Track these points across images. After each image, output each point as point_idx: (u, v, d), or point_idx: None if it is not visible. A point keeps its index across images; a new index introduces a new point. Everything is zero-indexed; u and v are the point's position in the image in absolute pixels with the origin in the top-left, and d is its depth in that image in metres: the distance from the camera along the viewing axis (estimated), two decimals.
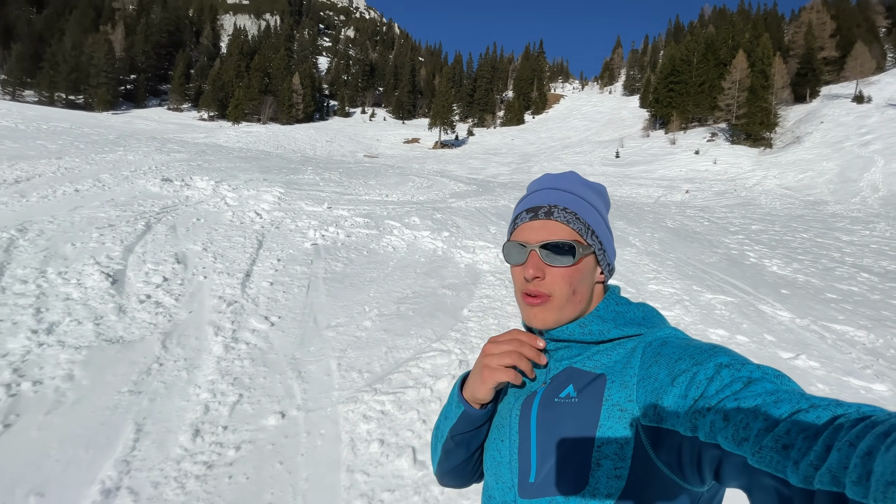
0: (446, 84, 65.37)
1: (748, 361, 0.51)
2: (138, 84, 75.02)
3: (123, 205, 5.76)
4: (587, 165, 40.70)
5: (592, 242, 0.67)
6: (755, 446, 0.41)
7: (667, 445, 0.53)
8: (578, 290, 0.66)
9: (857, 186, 25.81)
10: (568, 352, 0.68)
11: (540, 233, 0.67)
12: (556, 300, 0.65)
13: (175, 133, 35.72)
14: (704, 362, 0.52)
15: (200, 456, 2.31)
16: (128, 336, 3.18)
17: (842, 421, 0.37)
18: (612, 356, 0.63)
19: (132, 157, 9.01)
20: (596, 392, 0.61)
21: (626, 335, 0.65)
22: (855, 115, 40.28)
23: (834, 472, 0.35)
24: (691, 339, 0.60)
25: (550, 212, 0.67)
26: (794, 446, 0.39)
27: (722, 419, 0.45)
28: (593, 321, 0.66)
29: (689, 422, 0.49)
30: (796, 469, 0.38)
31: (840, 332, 4.99)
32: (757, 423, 0.42)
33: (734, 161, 37.56)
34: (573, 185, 0.72)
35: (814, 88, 50.93)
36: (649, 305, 0.69)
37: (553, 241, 0.65)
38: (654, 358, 0.58)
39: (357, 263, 5.33)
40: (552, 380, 0.67)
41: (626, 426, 0.57)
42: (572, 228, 0.66)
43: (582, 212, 0.68)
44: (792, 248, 10.27)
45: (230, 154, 12.65)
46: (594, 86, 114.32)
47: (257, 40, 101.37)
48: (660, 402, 0.53)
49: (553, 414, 0.63)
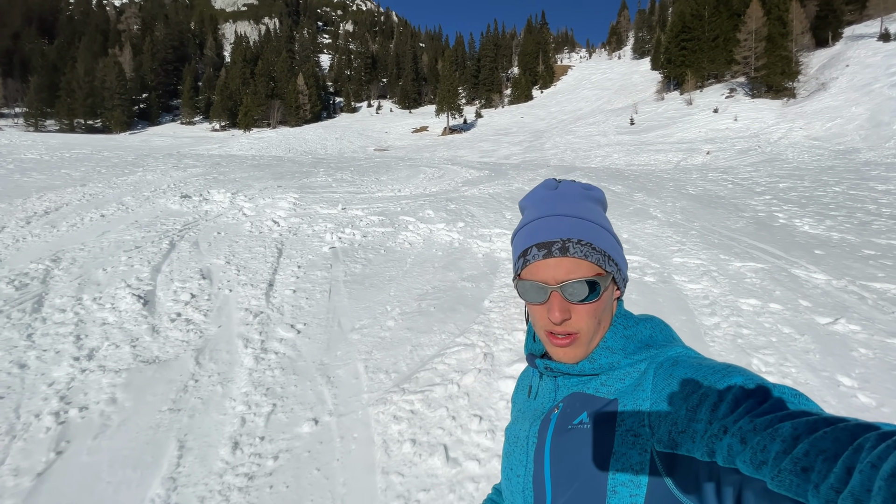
0: (450, 68, 64.50)
1: (763, 381, 0.49)
2: (150, 102, 76.64)
3: (147, 225, 5.94)
4: (601, 136, 39.72)
5: (611, 269, 0.65)
6: (774, 470, 0.40)
7: (683, 471, 0.52)
8: (603, 320, 0.65)
9: (890, 130, 24.39)
10: (578, 377, 0.67)
11: (558, 271, 0.62)
12: (583, 336, 0.64)
13: (190, 147, 36.49)
14: (718, 383, 0.50)
15: (241, 468, 2.39)
16: (163, 355, 3.31)
17: (861, 441, 0.35)
18: (625, 380, 0.62)
19: (151, 176, 9.25)
20: (609, 418, 0.60)
21: (636, 361, 0.63)
22: (882, 55, 37.87)
23: (857, 496, 0.33)
24: (703, 359, 0.58)
25: (565, 248, 0.63)
26: (814, 469, 0.37)
27: (739, 442, 0.44)
28: (602, 354, 0.65)
29: (705, 446, 0.47)
30: (817, 493, 0.36)
31: (881, 291, 4.78)
32: (775, 445, 0.40)
33: (756, 116, 35.99)
34: (578, 206, 0.67)
35: (836, 30, 48.01)
36: (656, 319, 0.67)
37: (575, 279, 0.62)
38: (665, 381, 0.57)
39: (375, 263, 5.38)
40: (565, 405, 0.66)
41: (640, 452, 0.56)
42: (591, 262, 0.63)
43: (597, 239, 0.65)
44: (823, 203, 9.84)
45: (244, 163, 12.85)
46: (602, 52, 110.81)
47: (259, 45, 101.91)
48: (674, 427, 0.52)
49: (567, 441, 0.63)
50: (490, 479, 2.33)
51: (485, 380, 3.12)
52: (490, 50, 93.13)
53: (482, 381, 3.11)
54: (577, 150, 34.84)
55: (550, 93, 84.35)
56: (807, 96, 37.30)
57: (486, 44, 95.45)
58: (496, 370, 3.22)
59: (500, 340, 3.62)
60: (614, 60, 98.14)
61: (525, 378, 0.82)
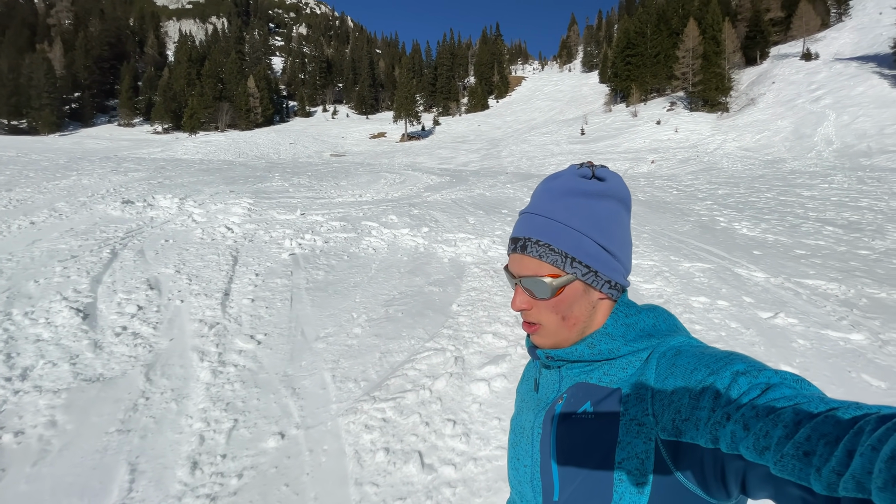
0: (407, 75, 64.53)
1: (765, 367, 0.50)
2: (84, 102, 71.26)
3: (84, 233, 5.49)
4: (554, 145, 41.07)
5: (573, 270, 0.63)
6: (776, 455, 0.40)
7: (688, 459, 0.52)
8: (568, 315, 0.65)
9: (811, 142, 26.86)
10: (580, 366, 0.68)
11: (519, 267, 0.67)
12: (546, 328, 0.67)
13: (129, 150, 34.25)
14: (720, 371, 0.51)
15: (202, 489, 2.23)
16: (108, 373, 3.04)
17: (862, 424, 0.36)
18: (627, 370, 0.62)
19: (87, 180, 8.58)
20: (612, 407, 0.60)
21: (637, 350, 0.63)
22: (804, 73, 41.75)
23: (858, 479, 0.33)
24: (706, 347, 0.58)
25: (525, 246, 0.66)
26: (816, 453, 0.38)
27: (742, 429, 0.44)
28: (602, 340, 0.65)
29: (708, 433, 0.48)
30: (819, 476, 0.37)
31: (813, 287, 5.21)
32: (777, 430, 0.41)
33: (694, 128, 38.53)
34: (557, 205, 0.65)
35: (763, 50, 52.45)
36: (660, 309, 0.68)
37: (529, 276, 0.65)
38: (668, 369, 0.57)
39: (339, 269, 5.24)
40: (569, 396, 0.67)
41: (644, 441, 0.56)
42: (546, 262, 0.64)
43: (557, 241, 0.64)
44: (758, 208, 10.64)
45: (191, 167, 12.20)
46: (553, 65, 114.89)
47: (205, 45, 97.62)
48: (677, 415, 0.53)
49: (571, 431, 0.63)
50: (466, 483, 2.31)
51: (456, 384, 3.10)
52: (447, 59, 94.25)
53: (454, 385, 3.09)
54: (532, 159, 35.80)
55: (506, 102, 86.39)
56: (738, 110, 40.37)
57: (443, 52, 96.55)
58: (467, 373, 3.21)
59: (470, 344, 3.62)
60: (565, 73, 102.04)
61: (530, 370, 0.82)
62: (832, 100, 33.55)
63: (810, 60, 45.16)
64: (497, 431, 2.67)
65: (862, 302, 4.75)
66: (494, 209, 9.17)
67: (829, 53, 45.10)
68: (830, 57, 43.89)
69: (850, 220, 8.98)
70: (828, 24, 55.91)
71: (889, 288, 5.15)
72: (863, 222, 8.70)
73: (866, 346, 3.74)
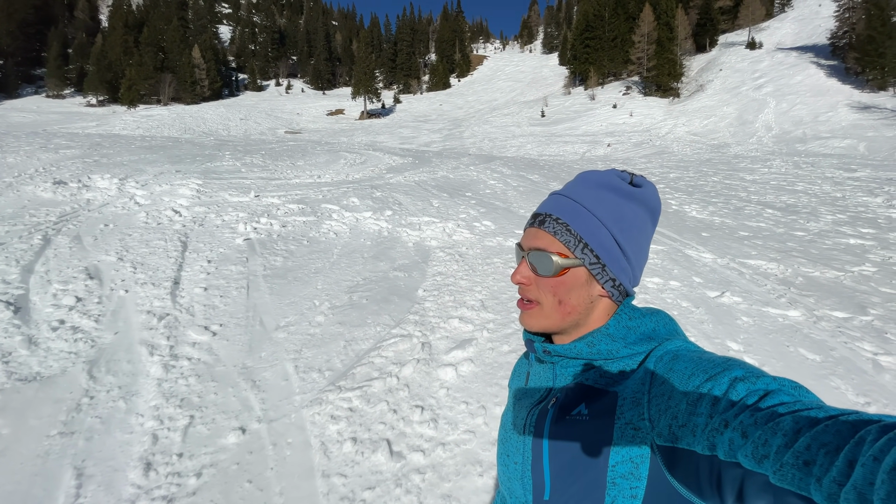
0: (365, 49, 62.37)
1: (763, 374, 0.49)
2: (6, 71, 64.10)
3: (11, 218, 4.99)
4: (516, 126, 41.32)
5: (583, 256, 0.63)
6: (776, 464, 0.40)
7: (683, 465, 0.51)
8: (565, 300, 0.64)
9: (753, 128, 28.47)
10: (576, 365, 0.66)
11: (531, 240, 0.67)
12: (542, 309, 0.66)
13: (60, 124, 31.39)
14: (718, 377, 0.50)
15: (157, 491, 2.12)
16: (45, 371, 2.81)
17: (863, 434, 0.36)
18: (625, 372, 0.62)
19: (12, 158, 7.77)
20: (607, 410, 0.60)
21: (635, 353, 0.62)
22: (749, 61, 43.91)
23: (860, 489, 0.33)
24: (704, 352, 0.58)
25: (544, 220, 0.67)
26: (816, 462, 0.37)
27: (740, 436, 0.44)
28: (602, 340, 0.64)
29: (706, 440, 0.47)
30: (819, 486, 0.36)
31: (755, 267, 5.56)
32: (776, 439, 0.40)
33: (648, 112, 39.85)
34: (583, 191, 0.67)
35: (712, 37, 54.62)
36: (662, 313, 0.67)
37: (537, 249, 0.65)
38: (665, 374, 0.56)
39: (298, 255, 5.06)
40: (563, 395, 0.66)
41: (639, 445, 0.56)
42: (559, 240, 0.64)
43: (576, 223, 0.64)
44: (706, 192, 11.20)
45: (131, 144, 11.32)
46: (514, 45, 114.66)
47: (143, 10, 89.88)
48: (674, 420, 0.52)
49: (565, 431, 0.62)
50: (435, 468, 2.32)
51: (424, 370, 3.09)
52: (407, 34, 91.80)
53: (421, 371, 3.08)
54: (494, 140, 35.88)
55: (467, 82, 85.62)
56: (688, 96, 42.03)
57: (403, 27, 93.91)
58: (434, 359, 3.21)
59: (436, 329, 3.61)
60: (526, 54, 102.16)
61: (522, 366, 0.81)
62: (773, 88, 35.58)
63: (755, 49, 47.46)
64: (465, 416, 2.69)
65: (798, 280, 5.13)
66: (458, 192, 9.13)
67: (772, 43, 47.58)
68: (773, 46, 46.33)
69: (788, 203, 9.63)
70: (772, 14, 58.78)
71: (822, 267, 5.59)
72: (798, 205, 9.36)
73: (802, 322, 4.05)
